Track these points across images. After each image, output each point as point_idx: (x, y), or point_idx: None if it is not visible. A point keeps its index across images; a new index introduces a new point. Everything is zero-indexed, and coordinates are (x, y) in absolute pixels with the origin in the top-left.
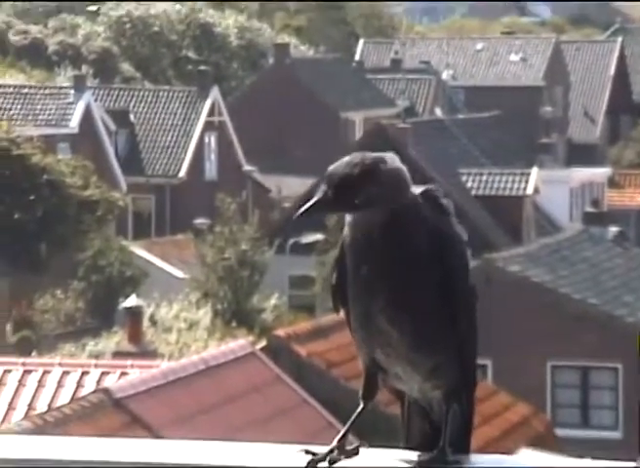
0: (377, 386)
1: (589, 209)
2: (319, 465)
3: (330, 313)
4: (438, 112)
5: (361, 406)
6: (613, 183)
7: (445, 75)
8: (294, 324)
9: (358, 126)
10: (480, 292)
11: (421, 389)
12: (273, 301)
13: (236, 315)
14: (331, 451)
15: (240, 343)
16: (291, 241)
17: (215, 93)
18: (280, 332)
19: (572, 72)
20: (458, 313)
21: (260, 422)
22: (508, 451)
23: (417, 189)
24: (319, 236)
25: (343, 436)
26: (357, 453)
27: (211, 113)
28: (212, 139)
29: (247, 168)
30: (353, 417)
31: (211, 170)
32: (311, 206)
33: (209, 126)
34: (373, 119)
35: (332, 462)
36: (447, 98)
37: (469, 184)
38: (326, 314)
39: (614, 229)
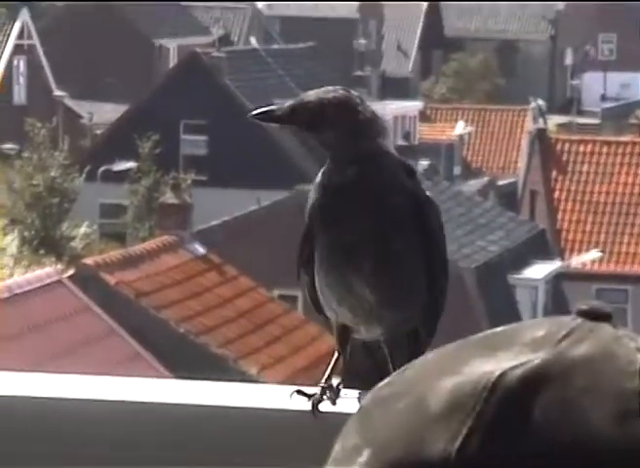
0: (349, 338)
1: (401, 142)
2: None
3: (140, 242)
4: (253, 42)
5: (336, 355)
6: (424, 117)
7: (261, 4)
8: (104, 252)
9: (172, 53)
10: (295, 226)
11: (373, 336)
12: (83, 229)
13: (44, 242)
14: (324, 391)
15: (47, 271)
16: (102, 168)
17: (24, 15)
18: (89, 261)
19: (385, 5)
20: (437, 279)
21: (67, 351)
22: (317, 382)
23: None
24: (131, 164)
25: (329, 377)
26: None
27: (20, 36)
28: (21, 63)
29: (58, 93)
30: (332, 362)
31: (20, 94)
32: (267, 111)
33: (18, 49)
34: (187, 47)
35: (332, 401)
36: (263, 29)
37: None
38: (136, 243)
39: (424, 163)
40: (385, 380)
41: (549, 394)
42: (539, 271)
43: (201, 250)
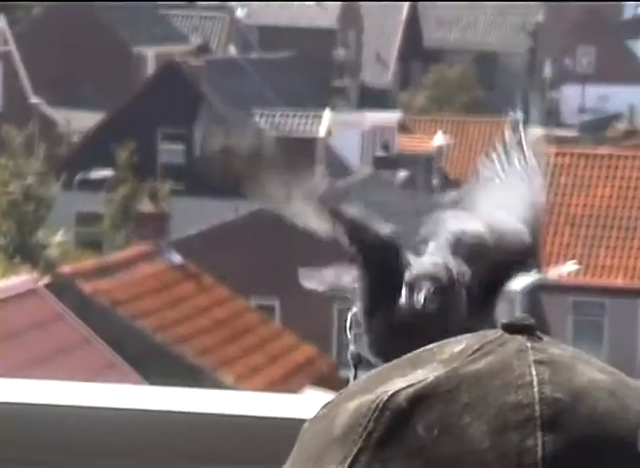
0: None
1: (379, 153)
2: None
3: (117, 251)
4: (232, 51)
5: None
6: (403, 128)
7: (239, 13)
8: (80, 261)
9: (150, 61)
10: (272, 236)
11: None
12: (59, 237)
13: (20, 250)
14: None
15: (22, 279)
16: (79, 176)
17: (1, 21)
18: (65, 269)
19: (365, 16)
20: None
21: (43, 360)
22: (293, 391)
23: None
24: (108, 172)
25: None
26: None
27: None
28: None
29: (34, 100)
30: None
31: None
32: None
33: None
34: (165, 55)
35: None
36: (241, 37)
37: (262, 124)
38: (113, 252)
39: (403, 173)
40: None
41: (435, 412)
42: (516, 283)
43: (178, 259)
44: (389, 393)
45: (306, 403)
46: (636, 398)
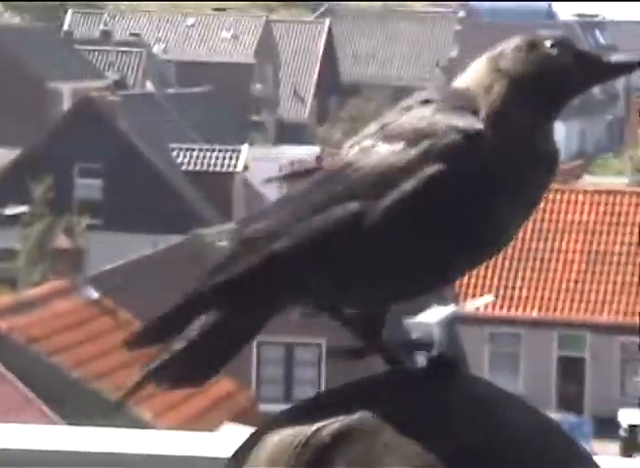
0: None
1: None
2: None
3: (32, 287)
4: (149, 86)
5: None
6: (321, 161)
7: (156, 49)
8: None
9: (66, 97)
10: (190, 270)
11: None
12: None
13: None
14: None
15: None
16: None
17: None
18: None
19: (282, 51)
20: None
21: None
22: (212, 426)
23: None
24: (24, 208)
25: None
26: None
27: None
28: None
29: None
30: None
31: None
32: None
33: None
34: (82, 91)
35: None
36: (158, 72)
37: (180, 160)
38: (28, 288)
39: None
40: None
41: (357, 449)
42: (433, 315)
43: (95, 294)
44: (312, 429)
45: (225, 440)
46: (558, 441)
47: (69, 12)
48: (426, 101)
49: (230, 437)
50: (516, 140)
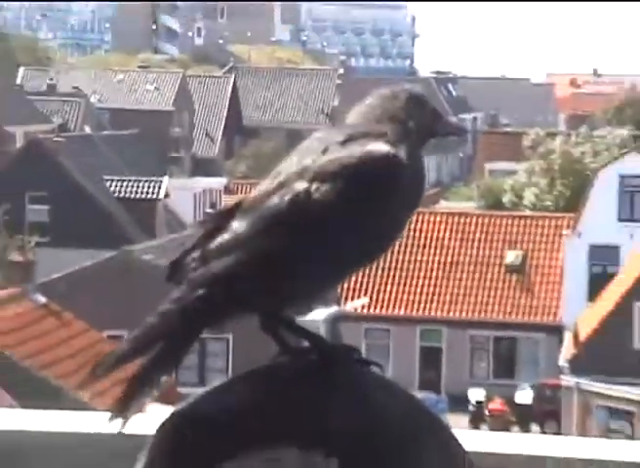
0: None
1: (209, 211)
2: None
3: None
4: (87, 129)
5: None
6: (228, 190)
7: (93, 99)
8: None
9: (19, 138)
10: (121, 279)
11: None
12: None
13: None
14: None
15: None
16: None
17: None
18: None
19: (196, 100)
20: None
21: None
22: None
23: None
24: None
25: None
26: None
27: None
28: None
29: None
30: None
31: None
32: None
33: None
34: (31, 133)
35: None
36: (94, 118)
37: (113, 189)
38: None
39: None
40: None
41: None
42: (319, 314)
43: (42, 299)
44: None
45: (149, 418)
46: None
47: (21, 69)
48: (344, 142)
49: (154, 414)
50: (410, 162)
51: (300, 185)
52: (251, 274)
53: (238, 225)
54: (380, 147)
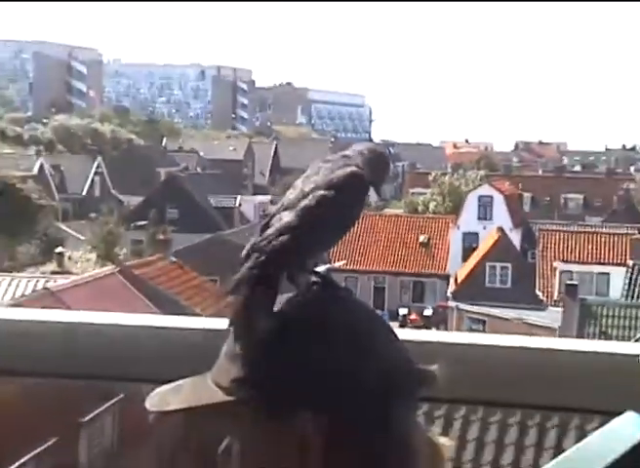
0: None
1: (262, 213)
2: None
3: None
4: (199, 170)
5: None
6: (272, 202)
7: (202, 153)
8: None
9: (162, 175)
10: (216, 250)
11: None
12: None
13: None
14: None
15: None
16: None
17: None
18: None
19: (256, 154)
20: None
21: None
22: None
23: None
24: None
25: None
26: None
27: None
28: None
29: None
30: None
31: None
32: None
33: None
34: (169, 172)
35: None
36: (202, 164)
37: (212, 202)
38: None
39: None
40: None
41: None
42: (319, 268)
43: (174, 259)
44: None
45: None
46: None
47: (165, 138)
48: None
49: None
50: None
51: (318, 192)
52: (294, 244)
53: (283, 217)
54: (356, 170)
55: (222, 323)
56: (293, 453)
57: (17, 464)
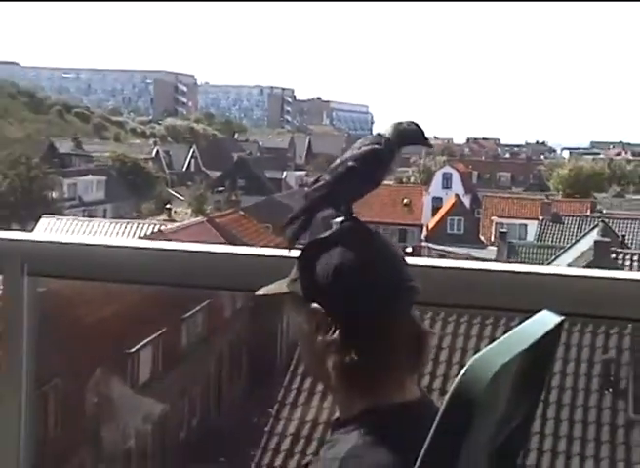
0: None
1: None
2: None
3: None
4: (258, 154)
5: None
6: (307, 175)
7: (261, 143)
8: None
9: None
10: (271, 209)
11: None
12: None
13: None
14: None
15: None
16: None
17: None
18: None
19: (296, 144)
20: None
21: None
22: None
23: None
24: None
25: None
26: None
27: None
28: None
29: None
30: None
31: None
32: None
33: None
34: (241, 155)
35: None
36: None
37: (268, 175)
38: None
39: None
40: None
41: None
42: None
43: (242, 213)
44: None
45: None
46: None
47: (237, 134)
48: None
49: None
50: (389, 155)
51: (347, 162)
52: (333, 191)
53: (325, 177)
54: (374, 147)
55: (270, 251)
56: (312, 327)
57: (140, 344)
